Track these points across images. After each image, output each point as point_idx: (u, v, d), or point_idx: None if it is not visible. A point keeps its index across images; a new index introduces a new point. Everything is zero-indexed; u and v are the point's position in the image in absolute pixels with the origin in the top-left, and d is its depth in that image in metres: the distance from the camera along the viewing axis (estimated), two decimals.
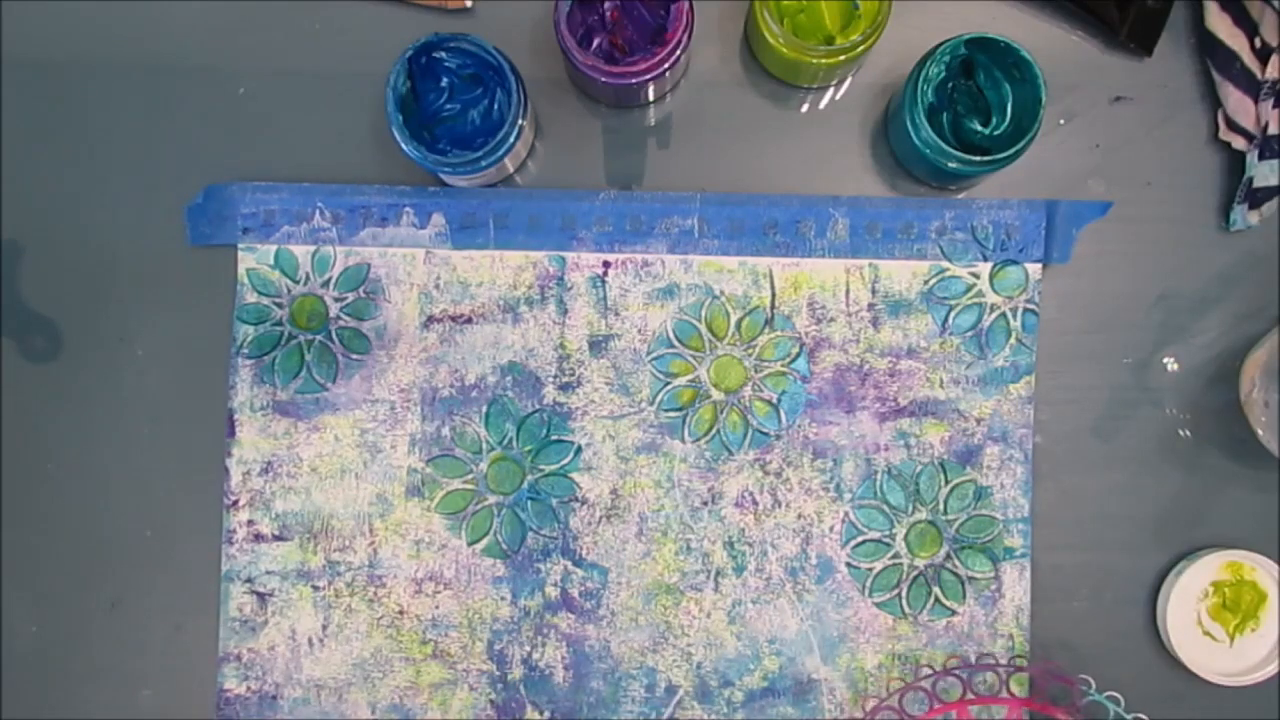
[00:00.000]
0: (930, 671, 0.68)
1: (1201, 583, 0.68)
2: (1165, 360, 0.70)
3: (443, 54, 0.64)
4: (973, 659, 0.68)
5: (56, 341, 0.69)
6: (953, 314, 0.69)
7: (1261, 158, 0.68)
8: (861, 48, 0.64)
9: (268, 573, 0.68)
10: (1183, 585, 0.68)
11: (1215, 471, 0.70)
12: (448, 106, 0.66)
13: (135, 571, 0.69)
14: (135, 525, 0.69)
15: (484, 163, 0.64)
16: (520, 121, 0.64)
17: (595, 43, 0.65)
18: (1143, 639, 0.69)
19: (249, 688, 0.68)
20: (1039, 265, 0.69)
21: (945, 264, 0.69)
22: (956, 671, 0.68)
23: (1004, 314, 0.69)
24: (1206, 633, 0.68)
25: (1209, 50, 0.69)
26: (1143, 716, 0.67)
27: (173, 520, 0.69)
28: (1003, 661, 0.68)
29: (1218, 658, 0.68)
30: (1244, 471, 0.70)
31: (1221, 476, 0.70)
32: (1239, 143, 0.69)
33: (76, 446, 0.69)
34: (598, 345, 0.69)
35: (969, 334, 0.69)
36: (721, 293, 0.69)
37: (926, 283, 0.69)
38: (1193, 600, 0.68)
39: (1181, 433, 0.70)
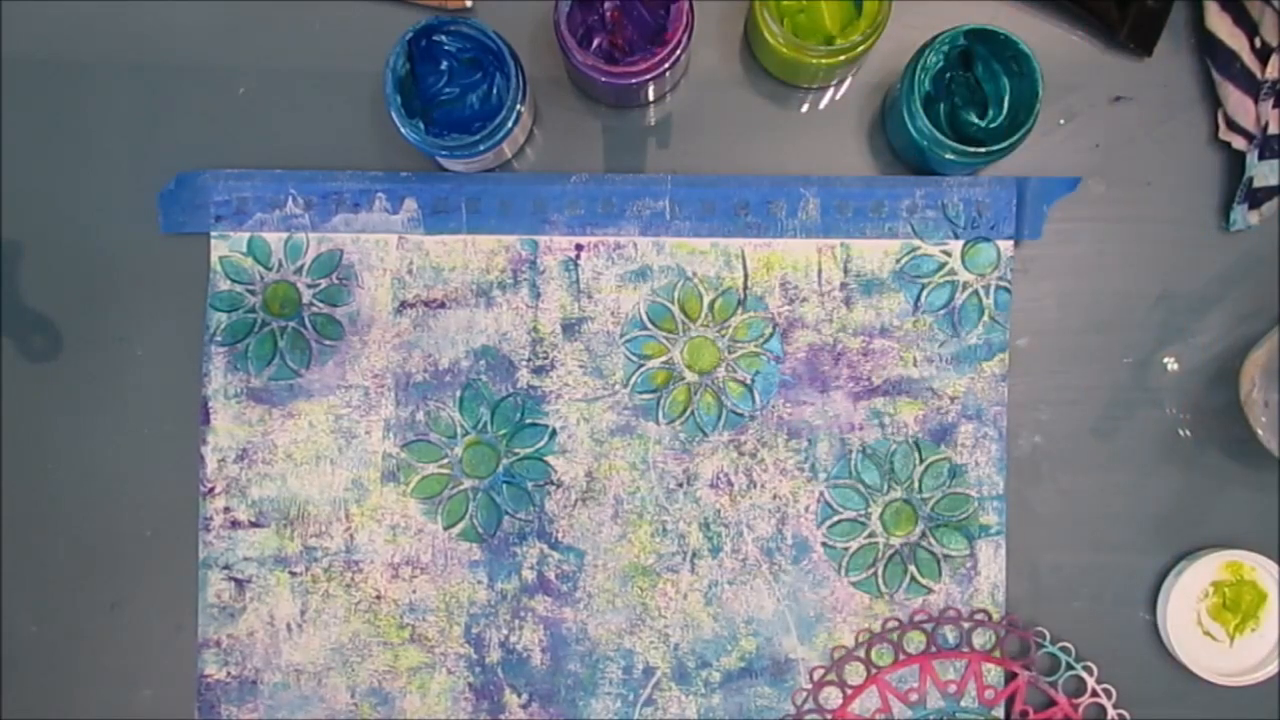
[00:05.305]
0: (897, 624, 0.68)
1: (1201, 583, 0.68)
2: (1165, 360, 0.70)
3: (442, 37, 0.65)
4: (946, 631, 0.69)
5: (56, 341, 0.70)
6: (925, 292, 0.69)
7: (1261, 158, 0.68)
8: (861, 48, 0.64)
9: (245, 559, 0.69)
10: (1183, 585, 0.68)
11: (1215, 471, 0.70)
12: (446, 90, 0.66)
13: (135, 571, 0.70)
14: (135, 524, 0.70)
15: (481, 147, 0.64)
16: (519, 107, 0.64)
17: (595, 43, 0.65)
18: (1143, 639, 0.69)
19: (229, 673, 0.69)
20: (1010, 242, 0.68)
21: (917, 242, 0.69)
22: (923, 624, 0.68)
23: (976, 291, 0.69)
24: (1206, 633, 0.68)
25: (1209, 50, 0.69)
26: (1090, 665, 0.67)
27: (173, 519, 0.69)
28: (965, 616, 0.69)
29: (1218, 658, 0.68)
30: (1244, 471, 0.70)
31: (1221, 476, 0.70)
32: (1239, 143, 0.69)
33: (76, 446, 0.70)
34: (571, 328, 0.69)
35: (941, 312, 0.69)
36: (694, 274, 0.69)
37: (898, 261, 0.69)
38: (1193, 600, 0.68)
39: (1181, 433, 0.70)
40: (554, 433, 0.69)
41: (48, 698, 0.70)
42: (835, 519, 0.69)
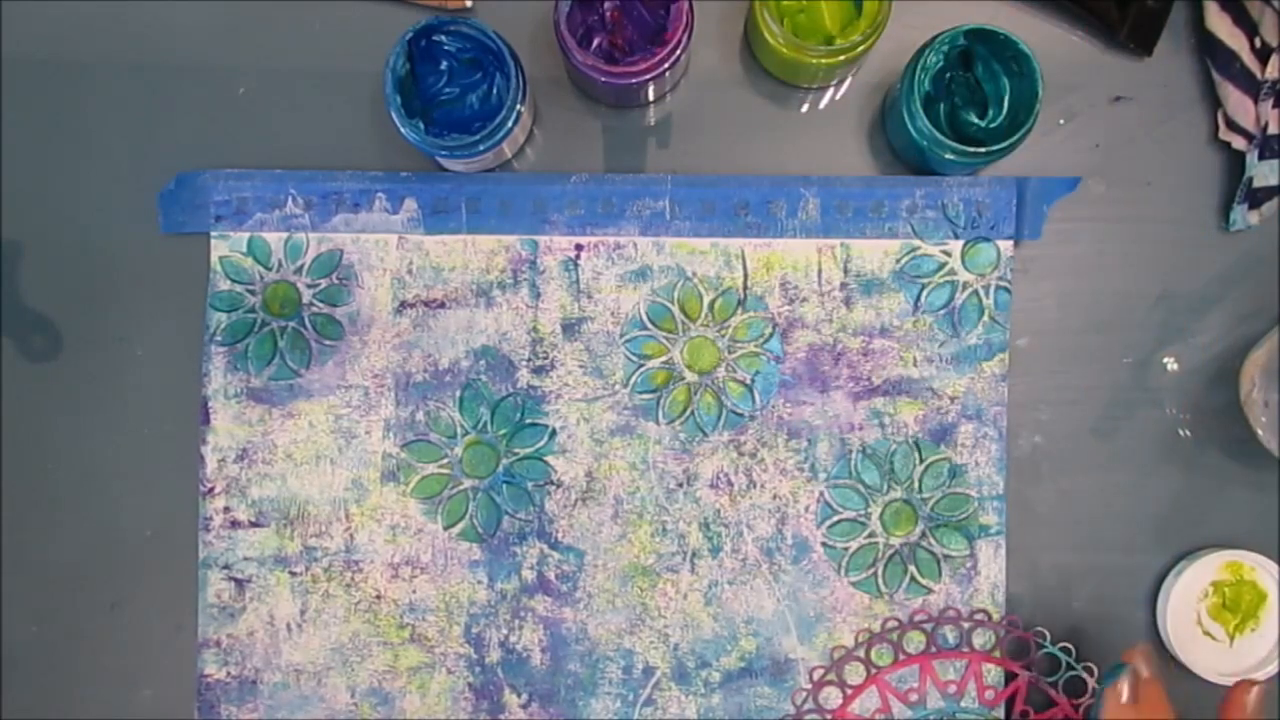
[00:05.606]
0: (897, 624, 0.68)
1: (1201, 583, 0.68)
2: (1165, 360, 0.70)
3: (442, 37, 0.64)
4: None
5: (56, 341, 0.70)
6: (925, 292, 0.69)
7: (1261, 158, 0.68)
8: (861, 48, 0.64)
9: (245, 559, 0.69)
10: (1183, 585, 0.68)
11: (1215, 471, 0.70)
12: (446, 90, 0.66)
13: (135, 571, 0.70)
14: (135, 524, 0.70)
15: (481, 147, 0.64)
16: (519, 107, 0.64)
17: (595, 43, 0.65)
18: (1143, 639, 0.69)
19: (228, 673, 0.69)
20: (1010, 242, 0.68)
21: (917, 242, 0.69)
22: (922, 624, 0.68)
23: (976, 291, 0.69)
24: (1206, 633, 0.68)
25: (1209, 50, 0.69)
26: (1091, 665, 0.67)
27: (173, 519, 0.69)
28: (965, 616, 0.69)
29: (1217, 658, 0.68)
30: (1244, 471, 0.70)
31: (1221, 476, 0.70)
32: (1239, 143, 0.69)
33: (76, 446, 0.70)
34: (571, 328, 0.69)
35: (941, 312, 0.69)
36: (694, 274, 0.69)
37: (898, 261, 0.69)
38: (1193, 600, 0.68)
39: (1181, 433, 0.70)
40: (554, 433, 0.69)
41: (48, 698, 0.70)
42: (835, 519, 0.69)
